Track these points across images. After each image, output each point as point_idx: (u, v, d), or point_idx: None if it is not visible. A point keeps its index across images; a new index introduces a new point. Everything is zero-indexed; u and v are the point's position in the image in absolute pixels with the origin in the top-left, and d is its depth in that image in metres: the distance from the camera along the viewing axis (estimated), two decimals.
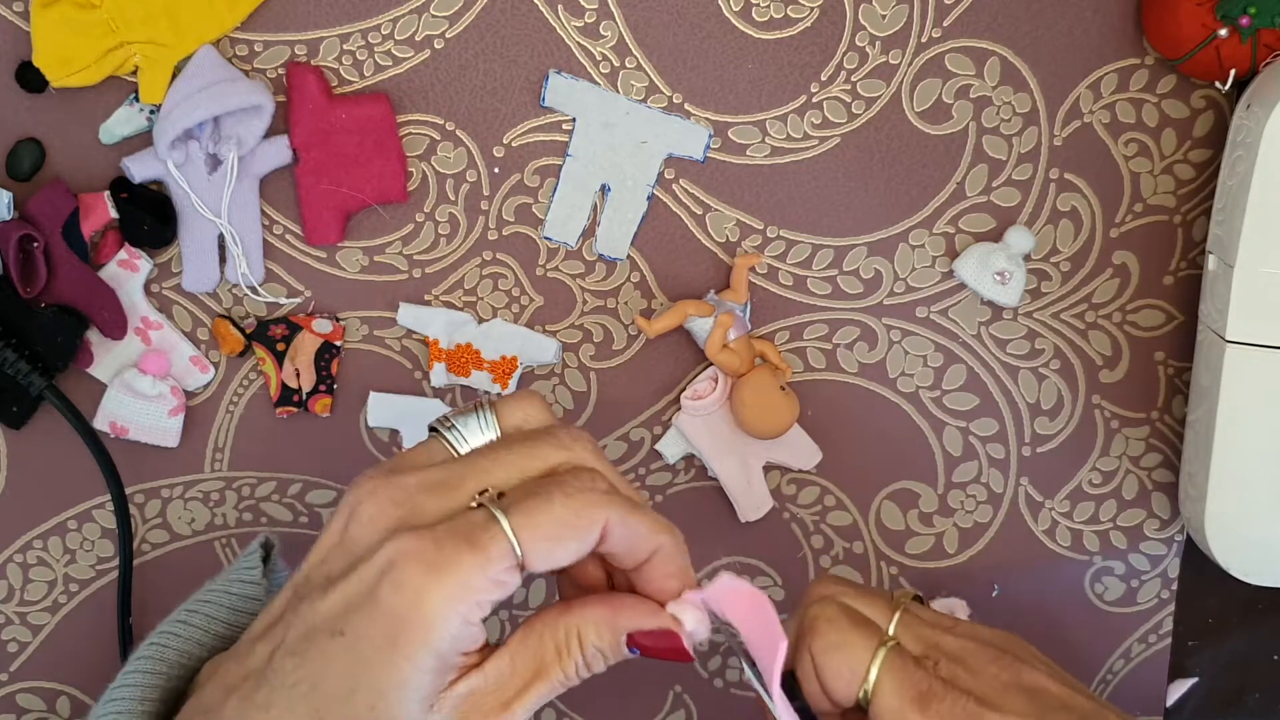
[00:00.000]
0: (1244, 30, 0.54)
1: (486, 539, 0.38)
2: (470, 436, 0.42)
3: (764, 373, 0.59)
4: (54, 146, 0.57)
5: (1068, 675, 0.48)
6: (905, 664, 0.46)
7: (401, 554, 0.38)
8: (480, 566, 0.38)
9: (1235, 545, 0.57)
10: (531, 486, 0.40)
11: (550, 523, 0.39)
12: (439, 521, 0.39)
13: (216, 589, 0.47)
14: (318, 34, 0.57)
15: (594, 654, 0.41)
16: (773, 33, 0.58)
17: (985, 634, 0.48)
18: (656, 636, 0.42)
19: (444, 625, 0.38)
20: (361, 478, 0.41)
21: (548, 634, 0.41)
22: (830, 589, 0.50)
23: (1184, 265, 0.61)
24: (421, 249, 0.59)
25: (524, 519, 0.39)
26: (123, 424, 0.58)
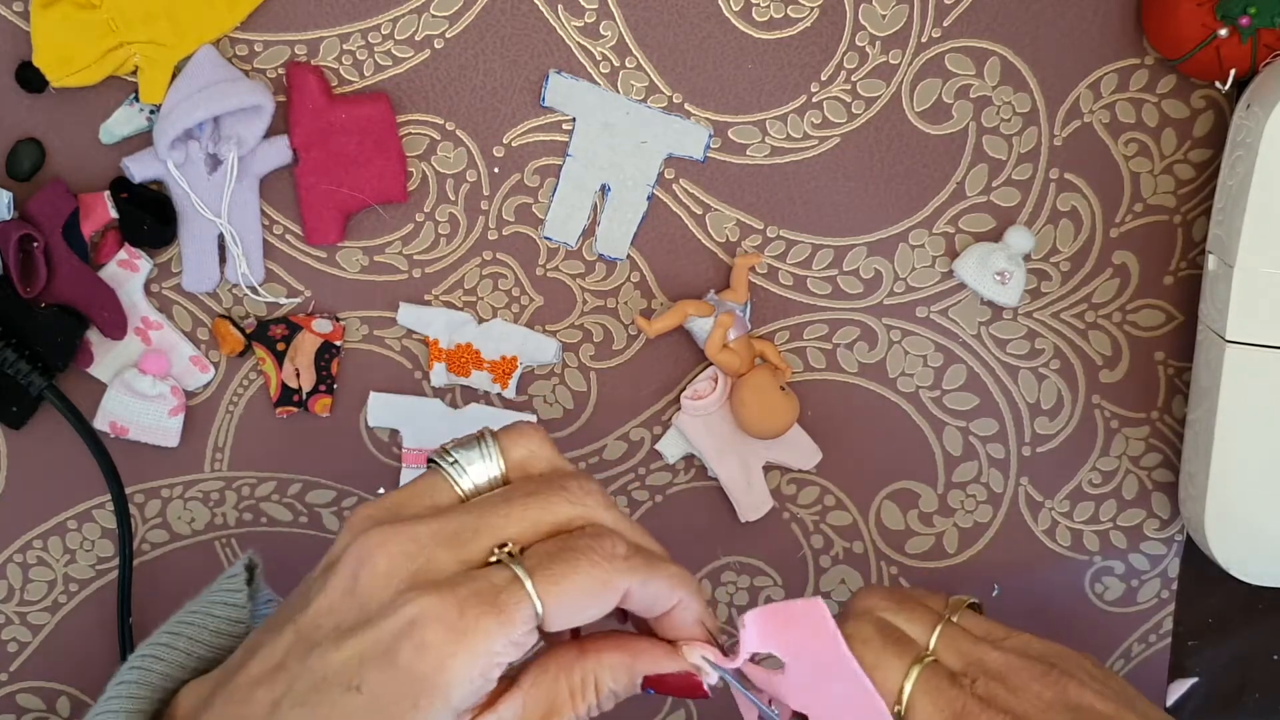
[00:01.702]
0: (1244, 30, 0.54)
1: (511, 603, 0.38)
2: (473, 472, 0.42)
3: (764, 373, 0.59)
4: (54, 146, 0.57)
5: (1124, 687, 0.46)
6: (940, 683, 0.45)
7: (424, 616, 0.38)
8: (504, 631, 0.38)
9: (1235, 545, 0.57)
10: (552, 548, 0.40)
11: (574, 590, 0.39)
12: (455, 577, 0.39)
13: (199, 611, 0.46)
14: (318, 34, 0.57)
15: (608, 696, 0.41)
16: (773, 33, 0.58)
17: (1035, 647, 0.47)
18: (675, 679, 0.42)
19: (465, 686, 0.38)
20: (363, 519, 0.41)
21: (563, 676, 0.41)
22: (869, 602, 0.49)
23: (1184, 265, 0.61)
24: (421, 249, 0.59)
25: (549, 585, 0.38)
26: (123, 424, 0.58)
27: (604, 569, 0.39)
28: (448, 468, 0.42)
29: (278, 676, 0.39)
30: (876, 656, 0.45)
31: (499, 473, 0.42)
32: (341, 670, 0.38)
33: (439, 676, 0.37)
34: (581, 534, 0.40)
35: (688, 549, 0.62)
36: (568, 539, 0.40)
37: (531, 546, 0.40)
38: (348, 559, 0.40)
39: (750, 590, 0.63)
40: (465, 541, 0.40)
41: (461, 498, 0.42)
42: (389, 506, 0.41)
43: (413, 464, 0.60)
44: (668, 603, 0.41)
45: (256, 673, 0.40)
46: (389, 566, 0.39)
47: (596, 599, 0.39)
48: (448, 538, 0.40)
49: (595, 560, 0.39)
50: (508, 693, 0.40)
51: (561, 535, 0.40)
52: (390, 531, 0.39)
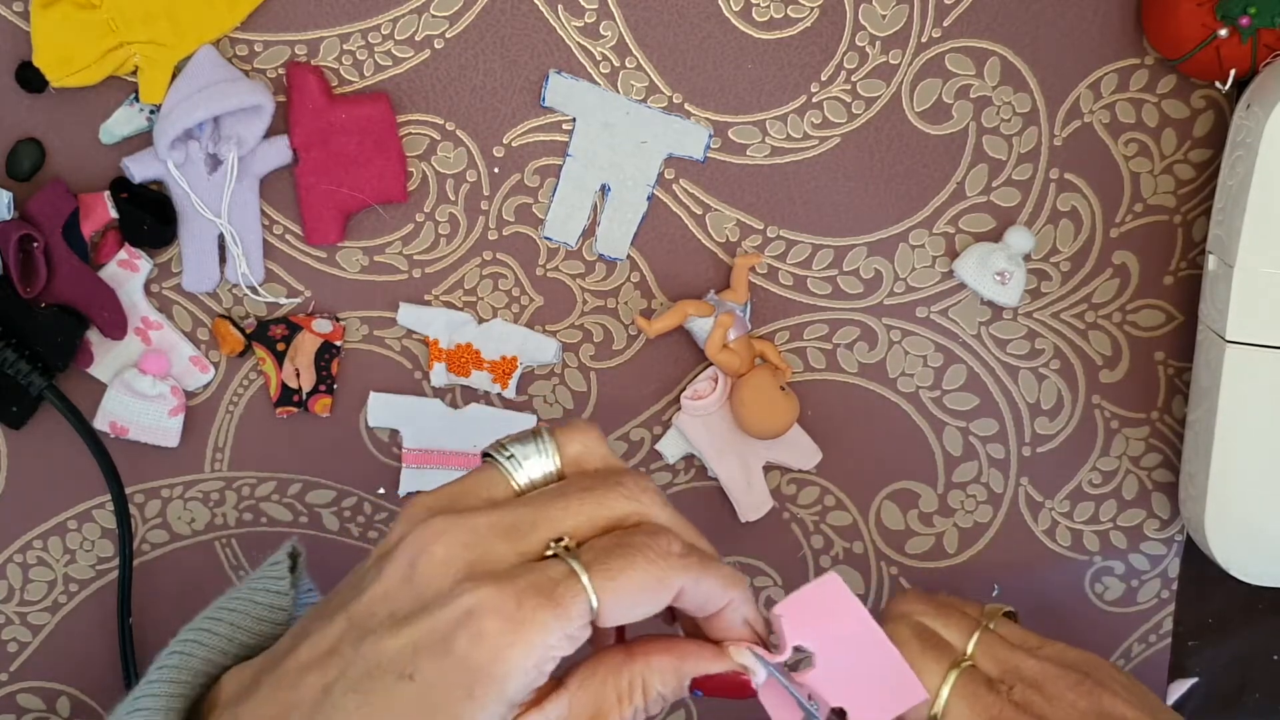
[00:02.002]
0: (1244, 30, 0.54)
1: (567, 597, 0.38)
2: (529, 467, 0.42)
3: (764, 373, 0.59)
4: (54, 146, 0.57)
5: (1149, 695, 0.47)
6: (977, 688, 0.45)
7: (482, 606, 0.38)
8: (560, 625, 0.38)
9: (1235, 545, 0.57)
10: (608, 544, 0.40)
11: (630, 586, 0.39)
12: (513, 569, 0.39)
13: (241, 597, 0.46)
14: (318, 34, 0.57)
15: (656, 699, 0.41)
16: (773, 33, 0.58)
17: (1070, 656, 0.48)
18: (723, 680, 0.42)
19: (520, 678, 0.38)
20: (420, 509, 0.41)
21: (610, 679, 0.41)
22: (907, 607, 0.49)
23: (1184, 265, 0.61)
24: (421, 249, 0.59)
25: (605, 580, 0.39)
26: (123, 424, 0.58)
27: (660, 566, 0.39)
28: (504, 461, 0.42)
29: (329, 662, 0.39)
30: (914, 659, 0.46)
31: (554, 468, 0.42)
32: (396, 658, 0.38)
33: (495, 667, 0.37)
34: (638, 530, 0.40)
35: None
36: (624, 535, 0.40)
37: (588, 541, 0.40)
38: (405, 547, 0.40)
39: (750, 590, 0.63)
40: (523, 534, 0.40)
41: (517, 491, 0.42)
42: (445, 498, 0.41)
43: (413, 464, 0.60)
44: (719, 602, 0.41)
45: (307, 658, 0.40)
46: (447, 556, 0.39)
47: (652, 595, 0.39)
48: (505, 530, 0.40)
49: (651, 557, 0.39)
50: (555, 693, 0.40)
51: (618, 531, 0.40)
52: (448, 521, 0.40)
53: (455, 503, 0.41)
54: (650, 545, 0.40)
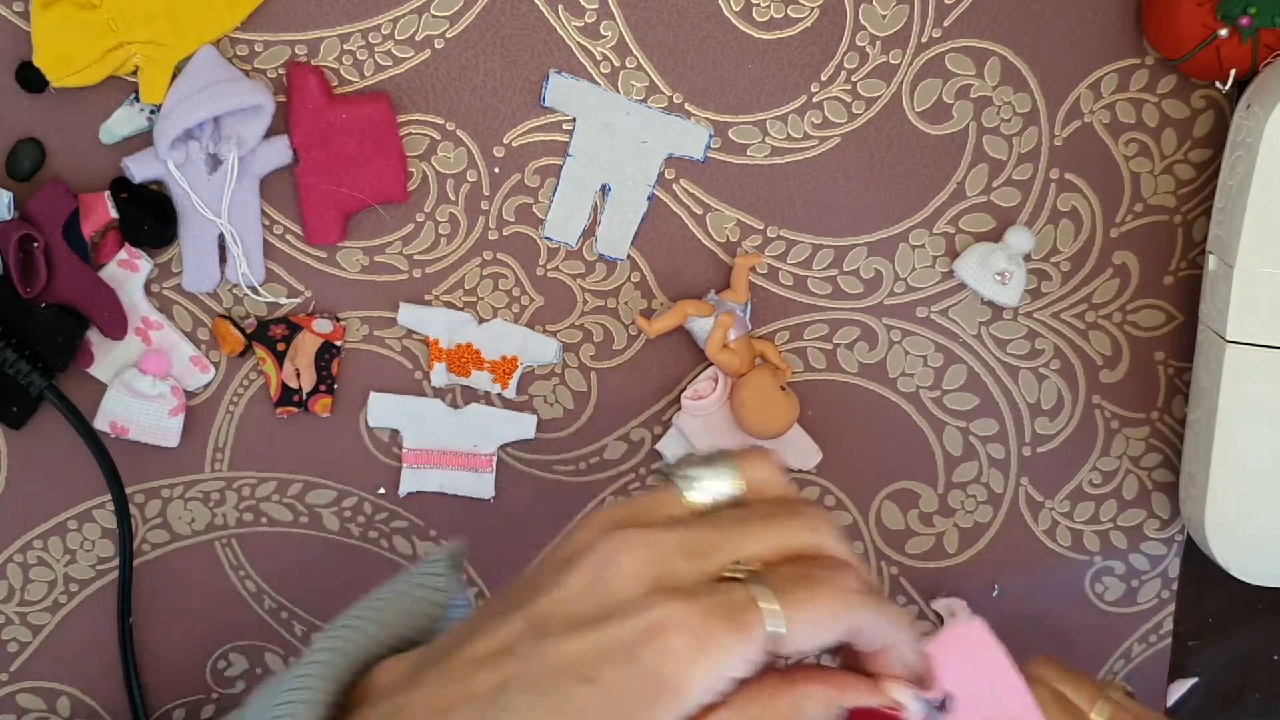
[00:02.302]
0: (1244, 30, 0.54)
1: (752, 621, 0.39)
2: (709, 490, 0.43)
3: (764, 373, 0.59)
4: (54, 146, 0.57)
5: None
6: None
7: (670, 621, 0.39)
8: (742, 648, 0.39)
9: (1235, 545, 0.57)
10: (793, 573, 0.41)
11: (814, 617, 0.40)
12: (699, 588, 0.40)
13: (399, 591, 0.46)
14: (318, 34, 0.57)
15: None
16: (773, 33, 0.58)
17: None
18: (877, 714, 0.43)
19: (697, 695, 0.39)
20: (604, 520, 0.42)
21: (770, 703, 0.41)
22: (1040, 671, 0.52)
23: (1184, 265, 0.61)
24: (422, 249, 0.59)
25: (792, 609, 0.39)
26: (123, 424, 0.58)
27: (842, 601, 0.40)
28: (683, 483, 0.43)
29: (504, 660, 0.40)
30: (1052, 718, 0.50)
31: (732, 493, 0.43)
32: (577, 662, 0.39)
33: (677, 682, 0.38)
34: (821, 563, 0.41)
35: None
36: (809, 566, 0.41)
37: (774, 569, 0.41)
38: (591, 556, 0.41)
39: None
40: (706, 554, 0.41)
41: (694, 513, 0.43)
42: (628, 512, 0.42)
43: (413, 464, 0.60)
44: (887, 641, 0.42)
45: (479, 653, 0.41)
46: (634, 569, 0.40)
47: (832, 628, 0.40)
48: (690, 549, 0.41)
49: (833, 592, 0.40)
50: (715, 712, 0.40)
51: (802, 561, 0.41)
52: (636, 535, 0.41)
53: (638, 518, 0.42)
54: (833, 579, 0.41)
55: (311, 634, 0.62)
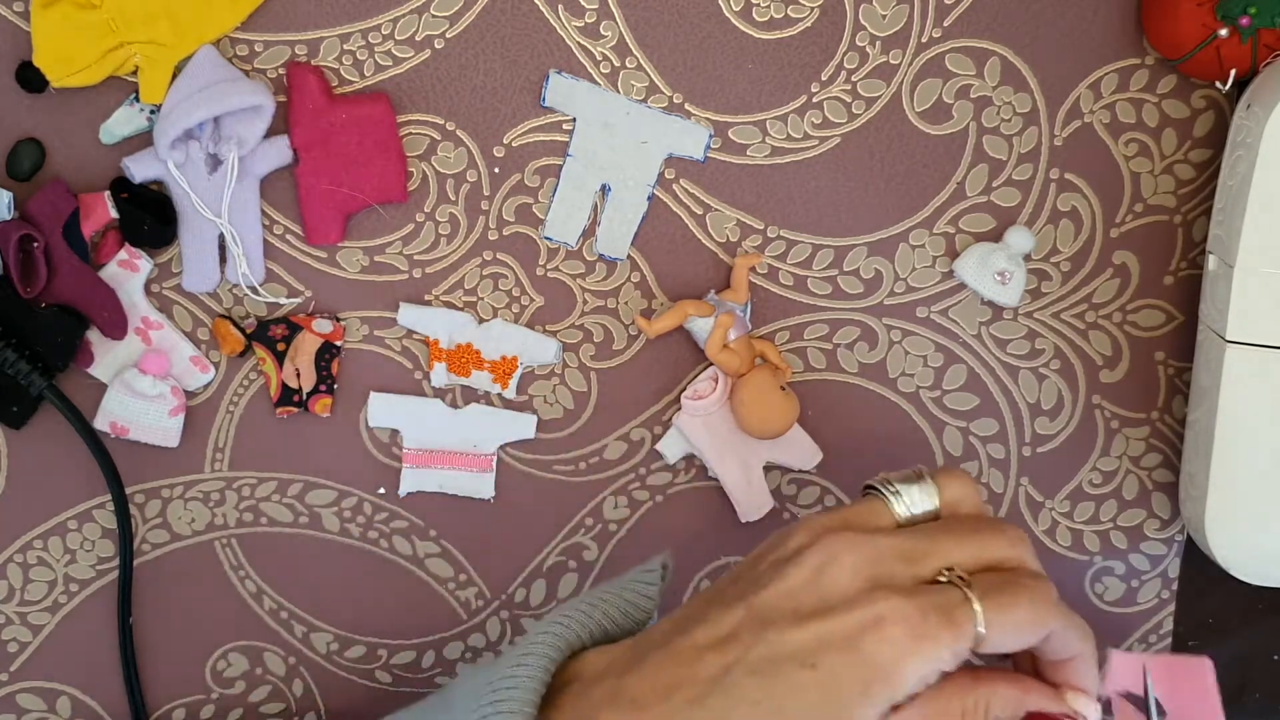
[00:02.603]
0: (1244, 30, 0.54)
1: (963, 619, 0.43)
2: (912, 503, 0.47)
3: (764, 373, 0.59)
4: (54, 146, 0.57)
5: None
6: None
7: (892, 614, 0.43)
8: (953, 642, 0.43)
9: (1235, 545, 0.57)
10: (997, 580, 0.44)
11: (1015, 621, 0.44)
12: (915, 588, 0.44)
13: (613, 590, 0.50)
14: (318, 34, 0.57)
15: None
16: (773, 33, 0.58)
17: None
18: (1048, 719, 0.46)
19: (910, 683, 0.42)
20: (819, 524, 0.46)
21: (958, 697, 0.44)
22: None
23: (1184, 265, 0.61)
24: (422, 249, 0.59)
25: (995, 613, 0.43)
26: (123, 424, 0.58)
27: (1041, 608, 0.44)
28: (890, 496, 0.47)
29: (729, 646, 0.44)
30: None
31: (933, 507, 0.47)
32: (799, 649, 0.43)
33: (894, 669, 0.42)
34: (1023, 573, 0.45)
35: (688, 549, 0.62)
36: (1012, 575, 0.45)
37: (978, 575, 0.45)
38: (811, 555, 0.45)
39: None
40: (918, 560, 0.45)
41: (898, 524, 0.47)
42: (841, 519, 0.46)
43: (413, 464, 0.60)
44: (1072, 652, 0.46)
45: (704, 639, 0.44)
46: (854, 567, 0.44)
47: (1030, 631, 0.44)
48: (904, 554, 0.45)
49: (1034, 598, 0.44)
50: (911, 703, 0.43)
51: (1005, 571, 0.45)
52: (854, 538, 0.45)
53: (851, 524, 0.46)
54: (1034, 588, 0.44)
55: (311, 634, 0.62)
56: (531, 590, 0.62)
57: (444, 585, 0.62)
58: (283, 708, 0.63)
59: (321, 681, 0.63)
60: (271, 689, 0.63)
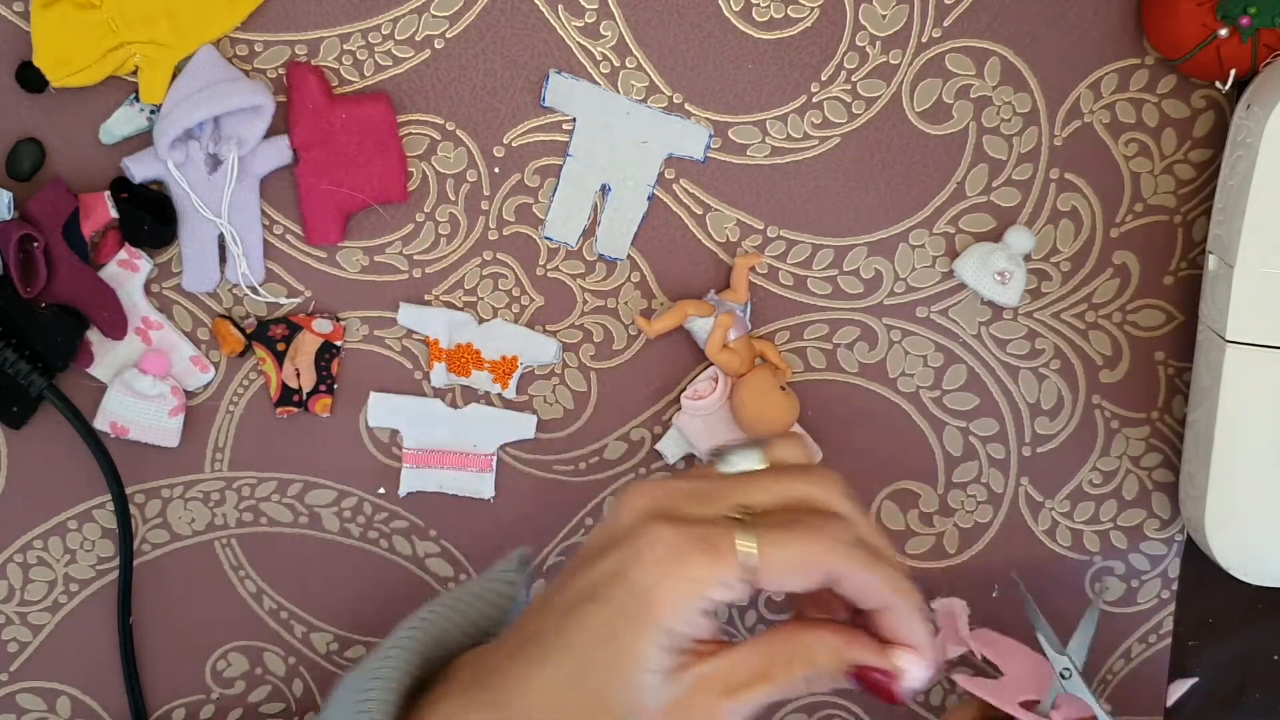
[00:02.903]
0: (1244, 30, 0.54)
1: (725, 548, 0.43)
2: (737, 463, 0.47)
3: (764, 373, 0.59)
4: (54, 146, 0.57)
5: None
6: None
7: (655, 539, 0.43)
8: (714, 569, 0.43)
9: (1235, 545, 0.57)
10: (783, 518, 0.44)
11: (786, 557, 0.43)
12: (691, 520, 0.44)
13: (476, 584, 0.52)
14: (318, 34, 0.57)
15: (820, 674, 0.45)
16: (773, 33, 0.58)
17: None
18: (876, 675, 0.45)
19: (674, 609, 0.43)
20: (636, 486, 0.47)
21: (783, 644, 0.45)
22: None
23: (1184, 265, 0.61)
24: (421, 249, 0.59)
25: (767, 547, 0.43)
26: (123, 424, 0.58)
27: (822, 546, 0.44)
28: (718, 460, 0.48)
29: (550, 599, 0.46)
30: None
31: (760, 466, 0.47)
32: (586, 586, 0.44)
33: (656, 595, 0.43)
34: (814, 513, 0.45)
35: None
36: (799, 514, 0.45)
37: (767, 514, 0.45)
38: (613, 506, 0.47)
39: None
40: (711, 500, 0.45)
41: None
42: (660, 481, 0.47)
43: (413, 464, 0.60)
44: (879, 601, 0.45)
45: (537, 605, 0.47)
46: (641, 505, 0.45)
47: (806, 568, 0.44)
48: (698, 494, 0.45)
49: (815, 536, 0.44)
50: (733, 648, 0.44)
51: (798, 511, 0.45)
52: (653, 484, 0.46)
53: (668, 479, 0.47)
54: (820, 527, 0.44)
55: (311, 634, 0.62)
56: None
57: (444, 585, 0.62)
58: (283, 708, 0.63)
59: (321, 681, 0.63)
60: (271, 689, 0.63)
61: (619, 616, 0.43)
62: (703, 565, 0.43)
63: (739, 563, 0.43)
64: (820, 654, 0.45)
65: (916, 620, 0.45)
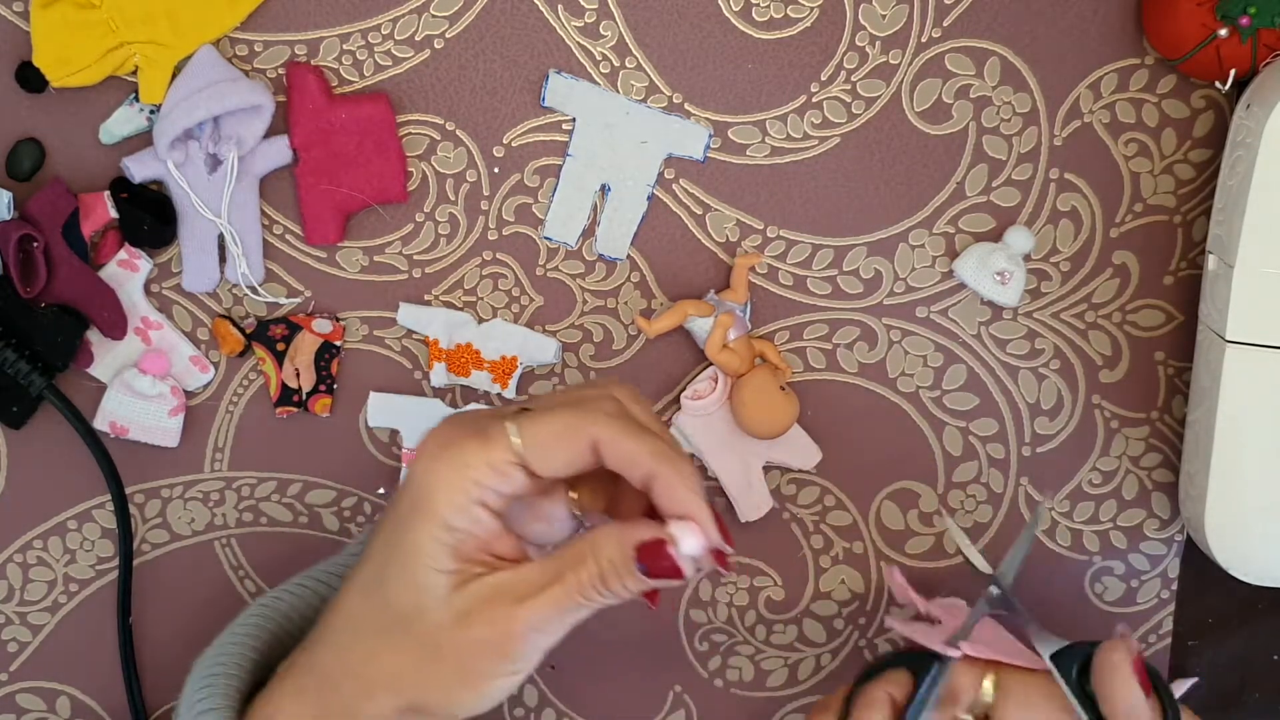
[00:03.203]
0: (1244, 30, 0.54)
1: (493, 431, 0.45)
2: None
3: (764, 373, 0.59)
4: (54, 146, 0.57)
5: None
6: None
7: (430, 437, 0.45)
8: (480, 451, 0.44)
9: (1235, 545, 0.57)
10: (551, 402, 0.46)
11: (547, 430, 0.45)
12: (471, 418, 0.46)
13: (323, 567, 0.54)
14: (318, 34, 0.57)
15: (608, 566, 0.45)
16: (773, 33, 0.58)
17: None
18: (654, 550, 0.45)
19: (448, 497, 0.44)
20: None
21: (571, 549, 0.45)
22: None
23: (1184, 265, 0.61)
24: (421, 249, 0.59)
25: (529, 424, 0.45)
26: (123, 424, 0.58)
27: (581, 416, 0.45)
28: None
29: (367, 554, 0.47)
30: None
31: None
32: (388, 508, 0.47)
33: (425, 481, 0.44)
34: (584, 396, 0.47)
35: None
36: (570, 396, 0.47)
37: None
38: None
39: (750, 590, 0.63)
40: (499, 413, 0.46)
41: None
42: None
43: None
44: (643, 469, 0.45)
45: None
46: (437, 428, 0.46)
47: (569, 439, 0.45)
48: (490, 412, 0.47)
49: (575, 409, 0.45)
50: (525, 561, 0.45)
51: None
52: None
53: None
54: (582, 400, 0.46)
55: None
56: None
57: None
58: None
59: None
60: None
61: (403, 515, 0.45)
62: (472, 450, 0.44)
63: (507, 445, 0.44)
64: (604, 545, 0.45)
65: (685, 487, 0.45)
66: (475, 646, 0.44)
